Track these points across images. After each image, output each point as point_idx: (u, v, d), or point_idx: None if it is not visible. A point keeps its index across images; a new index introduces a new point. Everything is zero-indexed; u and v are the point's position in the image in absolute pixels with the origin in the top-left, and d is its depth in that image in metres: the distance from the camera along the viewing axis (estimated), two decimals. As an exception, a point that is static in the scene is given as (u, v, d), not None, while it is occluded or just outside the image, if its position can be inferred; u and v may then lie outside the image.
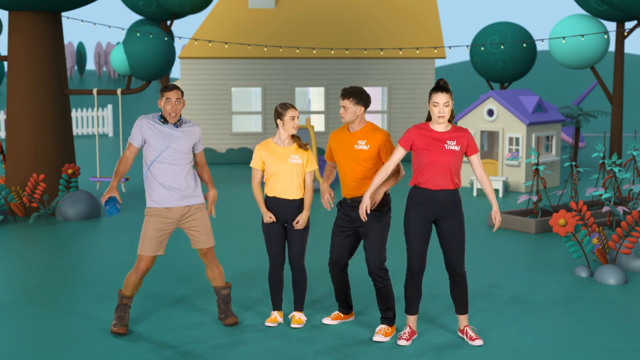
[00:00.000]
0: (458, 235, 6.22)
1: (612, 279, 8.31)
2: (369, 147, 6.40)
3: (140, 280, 6.64)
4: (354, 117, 6.42)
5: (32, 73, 12.19)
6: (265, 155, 6.68)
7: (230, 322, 6.90)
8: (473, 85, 42.26)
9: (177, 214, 6.56)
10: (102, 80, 47.94)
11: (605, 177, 11.30)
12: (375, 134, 6.43)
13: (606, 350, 6.31)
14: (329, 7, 20.86)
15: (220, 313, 7.00)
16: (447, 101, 6.05)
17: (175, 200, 6.52)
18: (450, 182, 6.15)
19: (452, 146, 6.12)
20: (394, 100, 19.77)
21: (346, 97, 6.40)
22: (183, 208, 6.57)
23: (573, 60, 17.62)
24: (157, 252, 6.55)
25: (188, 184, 6.55)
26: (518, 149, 14.64)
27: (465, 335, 6.50)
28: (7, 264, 9.20)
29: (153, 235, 6.50)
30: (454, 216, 6.19)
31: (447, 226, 6.20)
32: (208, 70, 19.38)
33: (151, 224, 6.52)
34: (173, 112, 6.44)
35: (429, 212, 6.19)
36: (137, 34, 13.16)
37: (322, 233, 11.02)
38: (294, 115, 6.60)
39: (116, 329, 6.67)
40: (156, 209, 6.52)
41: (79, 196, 12.07)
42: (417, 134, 6.18)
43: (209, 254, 6.77)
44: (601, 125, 32.45)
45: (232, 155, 19.55)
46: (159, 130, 6.49)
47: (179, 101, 6.46)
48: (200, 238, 6.66)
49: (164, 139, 6.47)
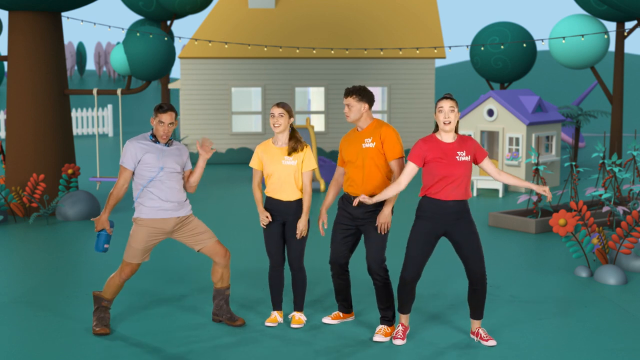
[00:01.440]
0: (473, 240, 6.15)
1: (612, 279, 8.31)
2: (375, 145, 6.39)
3: (122, 284, 6.65)
4: (358, 115, 6.43)
5: (32, 73, 12.19)
6: (262, 155, 6.69)
7: (240, 323, 6.90)
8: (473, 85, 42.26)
9: (170, 225, 6.55)
10: (102, 80, 47.94)
11: (605, 177, 11.30)
12: (379, 130, 6.42)
13: (606, 350, 6.31)
14: (329, 7, 20.86)
15: (224, 314, 6.97)
16: (452, 106, 6.02)
17: (171, 212, 6.52)
18: (463, 194, 6.12)
19: (463, 157, 6.07)
20: (394, 100, 19.77)
21: (349, 95, 6.41)
22: (177, 219, 6.56)
23: (573, 60, 17.62)
24: (143, 259, 6.58)
25: (181, 197, 6.58)
26: (518, 149, 14.64)
27: (477, 337, 6.48)
28: (7, 264, 9.19)
29: (142, 246, 6.51)
30: (465, 223, 6.13)
31: (460, 234, 6.14)
32: (208, 70, 19.38)
33: (142, 234, 6.49)
34: (165, 135, 6.48)
35: (437, 225, 6.13)
36: (137, 34, 13.16)
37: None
38: (273, 112, 6.60)
39: (99, 330, 6.64)
40: (150, 220, 6.50)
41: (79, 196, 12.07)
42: (426, 147, 6.11)
43: (220, 250, 6.70)
44: (601, 125, 32.45)
45: (232, 155, 19.55)
46: (153, 147, 6.51)
47: (171, 125, 6.48)
48: (204, 237, 6.64)
49: (160, 156, 6.49)
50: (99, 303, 6.73)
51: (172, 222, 6.56)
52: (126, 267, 6.56)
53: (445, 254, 9.66)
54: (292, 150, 6.61)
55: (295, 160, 6.61)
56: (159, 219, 6.52)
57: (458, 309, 7.41)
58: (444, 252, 9.76)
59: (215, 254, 6.72)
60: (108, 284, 6.66)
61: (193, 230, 6.64)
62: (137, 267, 6.60)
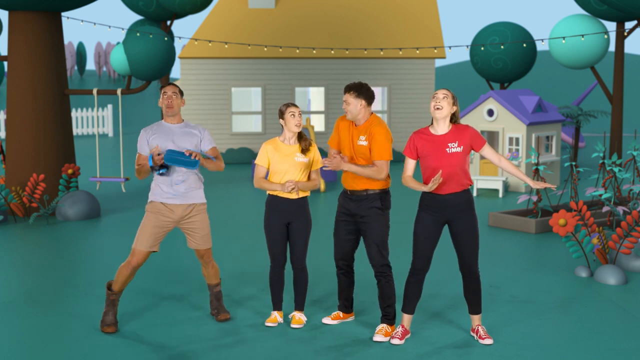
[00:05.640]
0: (471, 235, 6.19)
1: (612, 279, 8.31)
2: (367, 143, 6.43)
3: (132, 274, 6.60)
4: (356, 111, 6.46)
5: (32, 73, 12.19)
6: (272, 152, 6.67)
7: (222, 318, 6.96)
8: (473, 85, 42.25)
9: (178, 213, 6.55)
10: (102, 80, 47.94)
11: (605, 177, 11.30)
12: (371, 128, 6.44)
13: (606, 350, 6.31)
14: (329, 7, 20.86)
15: (212, 309, 7.06)
16: (445, 94, 6.08)
17: (177, 198, 6.52)
18: (459, 185, 6.13)
19: (454, 149, 6.10)
20: (394, 100, 19.77)
21: (347, 92, 6.47)
22: (185, 208, 6.56)
23: (573, 60, 17.62)
24: (152, 247, 6.53)
25: (191, 184, 6.56)
26: (518, 149, 14.64)
27: (476, 334, 6.50)
28: (7, 264, 9.20)
29: (150, 232, 6.49)
30: (466, 217, 6.18)
31: (459, 227, 6.19)
32: (208, 70, 19.38)
33: (150, 219, 6.51)
34: (170, 106, 6.45)
35: (439, 215, 6.19)
36: (137, 34, 13.16)
37: (323, 232, 11.02)
38: (293, 112, 6.60)
39: (106, 328, 6.67)
40: (157, 205, 6.51)
41: (79, 196, 12.07)
42: (417, 138, 6.20)
43: (206, 255, 6.78)
44: (601, 125, 32.44)
45: (232, 155, 19.55)
46: (161, 127, 6.55)
47: (175, 95, 6.48)
48: (198, 240, 6.66)
49: (167, 136, 6.50)
50: (108, 296, 6.73)
51: (180, 210, 6.54)
52: (134, 255, 6.52)
53: (445, 255, 9.66)
54: (306, 148, 6.66)
55: (307, 158, 6.66)
56: (165, 204, 6.51)
57: (458, 308, 7.42)
58: (443, 252, 9.76)
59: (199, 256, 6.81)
60: (118, 274, 6.64)
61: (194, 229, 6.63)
62: (146, 257, 6.54)
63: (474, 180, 14.40)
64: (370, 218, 6.47)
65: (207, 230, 6.69)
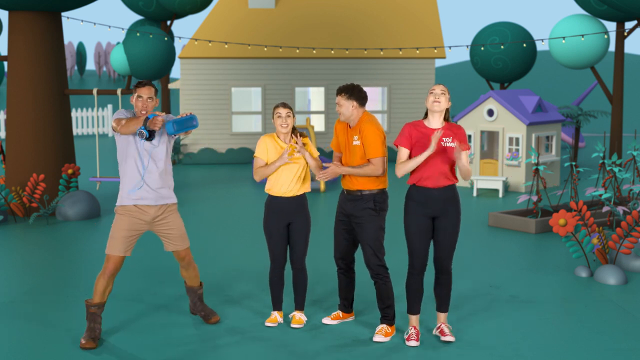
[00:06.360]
0: (451, 232, 6.24)
1: (612, 279, 8.31)
2: (360, 142, 6.47)
3: (110, 283, 6.33)
4: (348, 113, 6.49)
5: (32, 73, 12.19)
6: (271, 145, 6.68)
7: (214, 321, 6.90)
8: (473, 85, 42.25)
9: (151, 214, 6.31)
10: (102, 80, 47.94)
11: (605, 177, 11.30)
12: (361, 127, 6.46)
13: (606, 350, 6.31)
14: (329, 7, 20.86)
15: (197, 311, 6.93)
16: (443, 90, 6.18)
17: (149, 200, 6.28)
18: (447, 179, 6.17)
19: (448, 143, 6.17)
20: (394, 100, 19.77)
21: (338, 94, 6.51)
22: (157, 209, 6.33)
23: (573, 60, 17.62)
24: (126, 252, 6.29)
25: (164, 183, 6.34)
26: (518, 149, 14.64)
27: (439, 333, 6.48)
28: (7, 264, 9.19)
29: (124, 235, 6.25)
30: (450, 213, 6.22)
31: (442, 223, 6.23)
32: (208, 70, 19.38)
33: (123, 223, 6.25)
34: (144, 111, 6.23)
35: (427, 210, 6.20)
36: (137, 34, 13.16)
37: (323, 232, 11.02)
38: (280, 113, 6.59)
39: (85, 343, 6.32)
40: (129, 207, 6.26)
41: (79, 196, 12.07)
42: (413, 130, 6.23)
43: (187, 256, 6.59)
44: (601, 125, 32.44)
45: (232, 155, 19.55)
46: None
47: (150, 100, 6.25)
48: (176, 240, 6.47)
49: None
50: (87, 309, 6.44)
51: (152, 211, 6.31)
52: (109, 262, 6.28)
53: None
54: (300, 151, 6.65)
55: (303, 152, 6.67)
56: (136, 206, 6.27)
57: (458, 308, 7.42)
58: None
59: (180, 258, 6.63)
60: (95, 285, 6.37)
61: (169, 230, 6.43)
62: (121, 263, 6.30)
63: (474, 181, 14.40)
64: (363, 219, 6.46)
65: (182, 229, 6.49)
